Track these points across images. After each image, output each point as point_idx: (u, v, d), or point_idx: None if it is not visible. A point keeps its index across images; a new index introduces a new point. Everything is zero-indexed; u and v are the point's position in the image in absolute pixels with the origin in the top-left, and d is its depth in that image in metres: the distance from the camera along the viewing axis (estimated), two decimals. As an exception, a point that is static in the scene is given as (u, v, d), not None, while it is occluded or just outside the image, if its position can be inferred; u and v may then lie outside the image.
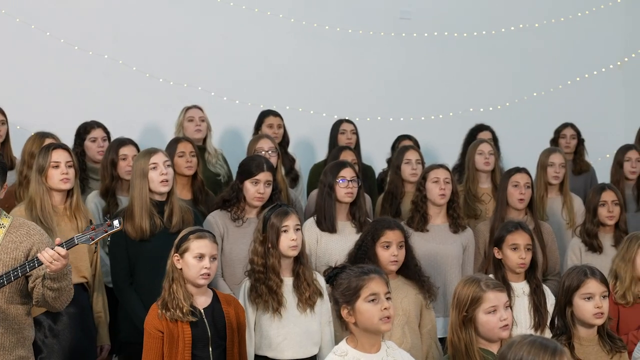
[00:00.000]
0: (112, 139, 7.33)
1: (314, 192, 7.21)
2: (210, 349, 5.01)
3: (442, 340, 6.05)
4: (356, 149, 8.24)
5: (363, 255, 5.59)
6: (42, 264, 4.64)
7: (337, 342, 5.22)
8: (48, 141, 6.57)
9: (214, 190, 7.22)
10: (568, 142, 8.76)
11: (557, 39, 10.60)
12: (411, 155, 7.40)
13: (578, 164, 8.71)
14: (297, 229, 5.43)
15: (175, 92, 9.12)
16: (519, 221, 6.00)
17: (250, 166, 6.27)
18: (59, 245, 4.64)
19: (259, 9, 9.55)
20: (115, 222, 4.82)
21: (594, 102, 10.63)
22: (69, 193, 5.95)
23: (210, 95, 9.22)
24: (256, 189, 6.19)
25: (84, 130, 7.54)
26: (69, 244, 4.70)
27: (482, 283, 4.39)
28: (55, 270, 4.64)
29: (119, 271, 5.94)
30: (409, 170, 7.34)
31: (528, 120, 10.24)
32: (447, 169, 6.71)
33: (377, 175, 8.68)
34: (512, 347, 3.52)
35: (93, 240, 4.78)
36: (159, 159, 6.04)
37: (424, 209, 6.60)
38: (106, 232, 4.81)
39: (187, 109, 8.10)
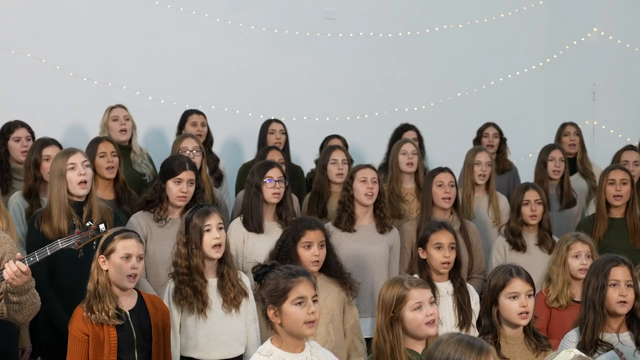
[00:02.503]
0: (36, 139, 7.23)
1: (242, 193, 7.20)
2: (136, 352, 4.96)
3: (369, 340, 6.10)
4: (285, 149, 8.24)
5: (284, 256, 5.59)
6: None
7: (262, 339, 5.25)
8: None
9: (139, 190, 7.16)
10: (490, 141, 8.84)
11: (480, 40, 10.71)
12: (337, 155, 7.41)
13: (501, 163, 8.80)
14: (220, 228, 5.41)
15: (100, 91, 9.04)
16: (443, 221, 6.04)
17: (172, 165, 6.24)
18: (20, 261, 4.59)
19: (184, 8, 9.50)
20: (102, 226, 4.80)
21: (516, 102, 10.77)
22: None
23: (135, 94, 9.16)
24: (179, 189, 6.16)
25: (7, 130, 7.42)
26: (53, 248, 4.65)
27: (405, 282, 4.44)
28: (17, 285, 4.58)
29: (38, 273, 5.83)
30: (335, 170, 7.35)
31: (452, 120, 10.34)
32: (374, 168, 6.73)
33: (305, 175, 8.68)
34: (440, 346, 3.54)
35: (79, 244, 4.76)
36: (77, 159, 5.95)
37: (351, 209, 6.60)
38: (92, 236, 4.78)
39: (111, 108, 8.02)
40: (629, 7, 10.77)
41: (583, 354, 3.73)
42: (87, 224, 4.99)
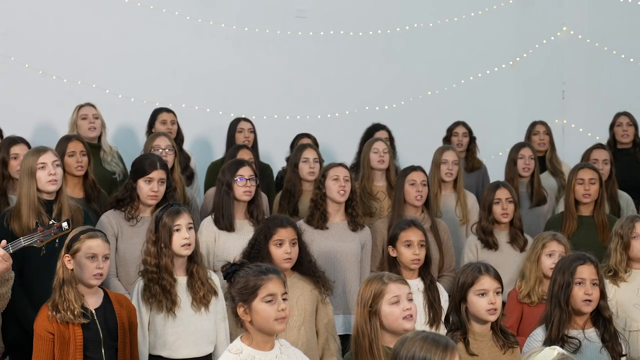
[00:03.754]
0: (4, 137, 7.18)
1: (211, 190, 7.19)
2: (103, 350, 4.96)
3: (342, 337, 6.12)
4: (254, 148, 8.24)
5: (257, 254, 5.59)
6: None
7: (231, 338, 5.25)
8: None
9: (109, 189, 7.14)
10: (460, 140, 8.89)
11: (450, 38, 10.75)
12: (309, 154, 7.42)
13: (470, 161, 8.84)
14: (190, 228, 5.40)
15: (69, 89, 8.98)
16: (412, 218, 6.08)
17: (143, 164, 6.23)
18: (3, 248, 4.57)
19: (155, 6, 9.46)
20: (64, 224, 4.77)
21: (486, 101, 10.81)
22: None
23: (104, 92, 9.12)
24: (150, 187, 6.16)
25: (-26, 129, 7.39)
26: (15, 246, 4.62)
27: (384, 277, 4.47)
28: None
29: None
30: (307, 169, 7.35)
31: (423, 119, 10.36)
32: (346, 167, 6.76)
33: (276, 173, 8.68)
34: (405, 343, 3.56)
35: (42, 242, 4.74)
36: (48, 158, 5.94)
37: (324, 207, 6.62)
38: (55, 234, 4.76)
39: (80, 106, 7.98)
40: (598, 7, 10.85)
41: (566, 352, 3.74)
42: (50, 222, 4.97)
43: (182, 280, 5.41)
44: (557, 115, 10.77)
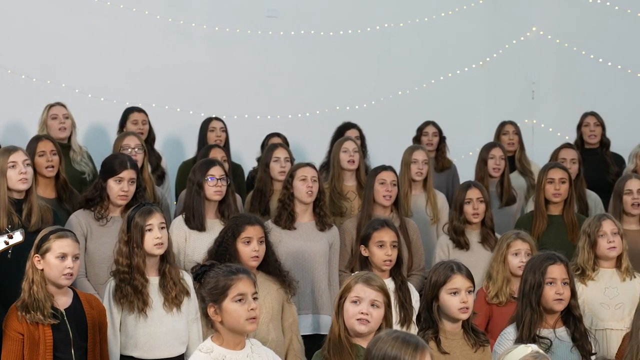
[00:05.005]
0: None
1: (185, 192, 7.18)
2: (73, 351, 4.95)
3: (310, 337, 6.13)
4: (225, 147, 8.23)
5: (224, 252, 5.60)
6: None
7: (204, 338, 5.23)
8: None
9: (79, 189, 7.11)
10: (430, 140, 8.90)
11: (421, 38, 10.77)
12: (280, 153, 7.41)
13: (440, 161, 8.86)
14: (162, 227, 5.40)
15: (39, 89, 8.94)
16: (385, 219, 6.08)
17: (113, 164, 6.21)
18: None
19: (124, 5, 9.44)
20: (17, 234, 4.75)
21: (456, 101, 10.84)
22: None
23: (74, 92, 9.08)
24: (120, 187, 6.14)
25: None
26: None
27: (361, 277, 4.45)
28: None
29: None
30: (278, 168, 7.35)
31: (394, 118, 10.38)
32: (314, 167, 6.76)
33: (247, 173, 8.68)
34: (377, 343, 3.57)
35: None
36: (19, 157, 5.95)
37: (291, 207, 6.62)
38: (7, 244, 4.74)
39: (50, 106, 7.95)
40: (567, 7, 10.90)
41: (540, 350, 3.76)
42: (5, 230, 4.96)
43: (154, 280, 5.41)
44: (526, 115, 10.82)
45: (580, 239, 6.18)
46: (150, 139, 8.30)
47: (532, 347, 3.69)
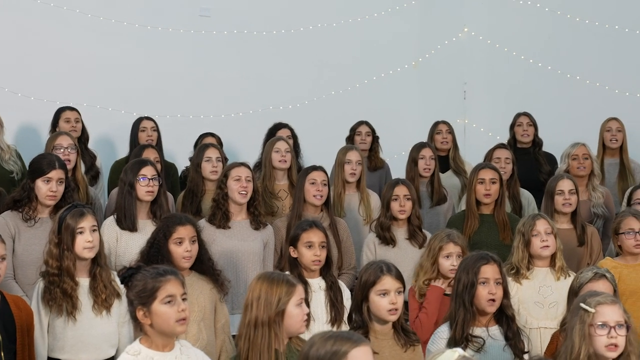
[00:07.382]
0: None
1: (115, 191, 7.12)
2: (2, 354, 4.89)
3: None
4: (158, 147, 8.19)
5: (156, 253, 5.54)
6: None
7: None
8: None
9: (7, 188, 7.03)
10: (363, 139, 8.95)
11: (354, 38, 10.81)
12: (211, 153, 7.40)
13: (373, 160, 8.91)
14: (94, 230, 5.35)
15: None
16: (314, 219, 6.08)
17: (41, 164, 6.15)
18: None
19: (55, 3, 9.35)
20: None
21: (389, 101, 10.90)
22: None
23: (4, 91, 8.98)
24: (48, 188, 6.07)
25: None
26: None
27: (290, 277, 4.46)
28: None
29: None
30: (209, 168, 7.33)
31: (327, 118, 10.40)
32: (248, 167, 6.75)
33: (180, 173, 8.64)
34: (315, 345, 3.51)
35: None
36: None
37: (226, 207, 6.60)
38: None
39: (-23, 106, 7.86)
40: (498, 8, 11.03)
41: (467, 354, 3.79)
42: None
43: (84, 282, 5.35)
44: (458, 115, 10.92)
45: (515, 238, 6.25)
46: (84, 138, 8.26)
47: (459, 352, 3.70)
